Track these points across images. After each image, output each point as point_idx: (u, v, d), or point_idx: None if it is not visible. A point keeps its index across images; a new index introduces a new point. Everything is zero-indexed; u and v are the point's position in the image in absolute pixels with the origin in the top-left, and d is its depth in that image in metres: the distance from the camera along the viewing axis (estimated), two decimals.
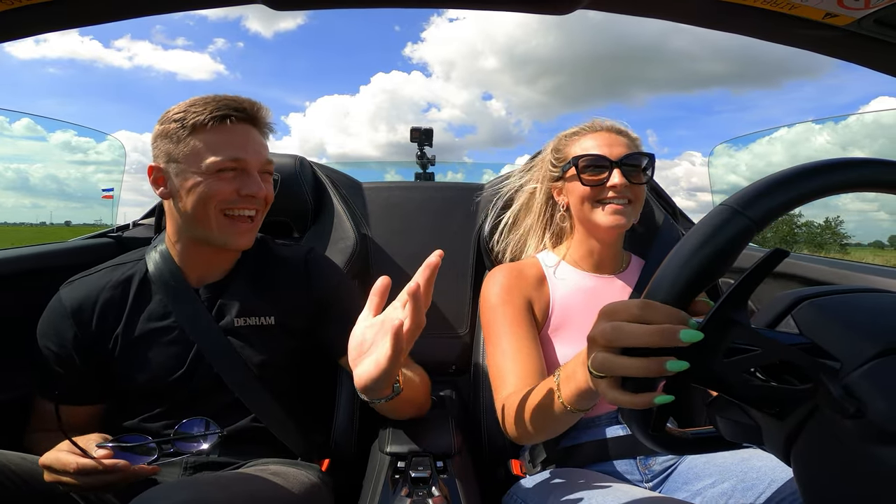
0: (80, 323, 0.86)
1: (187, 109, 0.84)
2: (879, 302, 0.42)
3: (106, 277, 0.91)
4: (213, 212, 0.85)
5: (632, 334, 0.43)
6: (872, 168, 0.42)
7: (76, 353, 0.86)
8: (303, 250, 1.01)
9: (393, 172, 3.53)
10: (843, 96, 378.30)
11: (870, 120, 2.85)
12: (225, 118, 0.84)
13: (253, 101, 0.89)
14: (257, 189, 0.86)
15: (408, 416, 0.94)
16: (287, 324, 0.92)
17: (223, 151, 0.83)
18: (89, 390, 0.89)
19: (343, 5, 0.66)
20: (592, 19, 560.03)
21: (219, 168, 0.83)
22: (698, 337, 0.40)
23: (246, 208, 0.87)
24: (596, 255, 0.99)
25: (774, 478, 0.71)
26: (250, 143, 0.87)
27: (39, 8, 0.55)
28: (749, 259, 0.46)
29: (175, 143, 0.83)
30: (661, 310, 0.43)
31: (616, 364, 0.44)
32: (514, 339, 0.89)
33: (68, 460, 0.70)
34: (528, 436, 0.77)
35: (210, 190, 0.83)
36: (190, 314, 0.88)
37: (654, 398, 0.43)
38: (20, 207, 53.45)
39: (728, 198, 0.43)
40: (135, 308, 0.89)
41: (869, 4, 0.54)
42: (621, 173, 0.91)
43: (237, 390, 0.87)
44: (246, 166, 0.86)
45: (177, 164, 0.84)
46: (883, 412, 0.34)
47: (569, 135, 1.00)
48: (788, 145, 2.42)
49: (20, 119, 2.55)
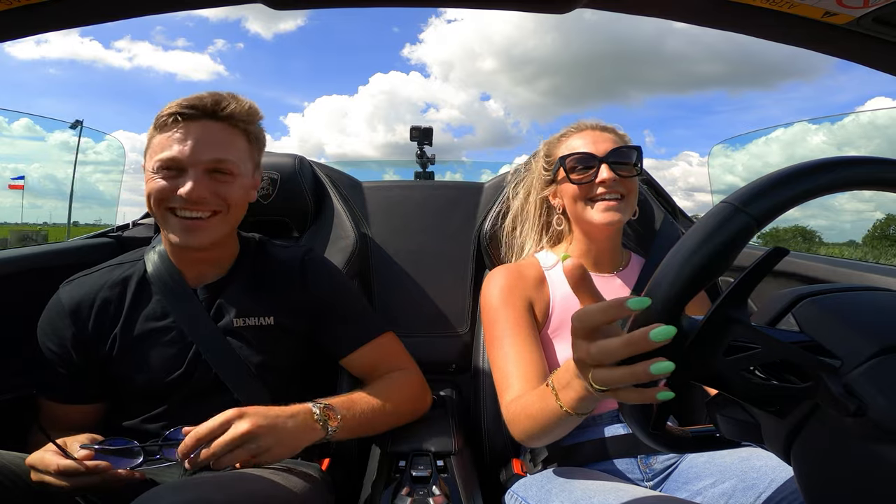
0: (77, 322, 0.86)
1: (162, 108, 0.84)
2: (880, 300, 0.42)
3: (105, 277, 0.91)
4: (157, 209, 0.84)
5: (610, 352, 0.44)
6: (872, 166, 0.42)
7: (74, 351, 0.86)
8: (300, 251, 1.00)
9: (391, 172, 3.53)
10: (841, 96, 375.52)
11: (865, 120, 2.87)
12: (175, 116, 0.82)
13: (220, 95, 0.86)
14: (189, 190, 0.81)
15: (386, 429, 0.94)
16: (286, 324, 0.92)
17: (164, 151, 0.82)
18: (88, 390, 0.89)
19: (343, 4, 0.66)
20: (589, 20, 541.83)
21: (159, 167, 0.82)
22: (670, 334, 0.40)
23: (188, 209, 0.83)
24: (594, 253, 1.00)
25: (774, 477, 0.71)
26: (196, 141, 0.82)
27: (39, 8, 0.55)
28: (749, 257, 0.46)
29: (148, 141, 0.85)
30: (595, 311, 0.45)
31: (613, 377, 0.45)
32: (516, 341, 0.89)
33: (50, 461, 0.70)
34: (534, 439, 0.78)
35: (151, 188, 0.83)
36: (188, 314, 0.87)
37: (655, 394, 0.44)
38: (16, 207, 53.48)
39: (729, 195, 0.43)
40: (133, 308, 0.88)
41: (868, 3, 0.54)
42: (609, 168, 0.91)
43: (236, 390, 0.87)
44: (181, 165, 0.82)
45: (145, 162, 0.86)
46: (883, 410, 0.34)
47: (556, 138, 1.01)
48: (785, 145, 2.43)
49: (19, 119, 2.56)
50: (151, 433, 0.85)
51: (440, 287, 1.34)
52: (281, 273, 0.96)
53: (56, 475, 0.69)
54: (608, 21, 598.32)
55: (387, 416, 0.91)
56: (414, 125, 2.21)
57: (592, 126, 0.98)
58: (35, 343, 0.88)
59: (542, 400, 0.69)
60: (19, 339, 0.93)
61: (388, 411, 0.91)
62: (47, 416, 0.89)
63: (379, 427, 0.92)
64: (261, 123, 0.92)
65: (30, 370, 0.91)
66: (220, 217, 0.86)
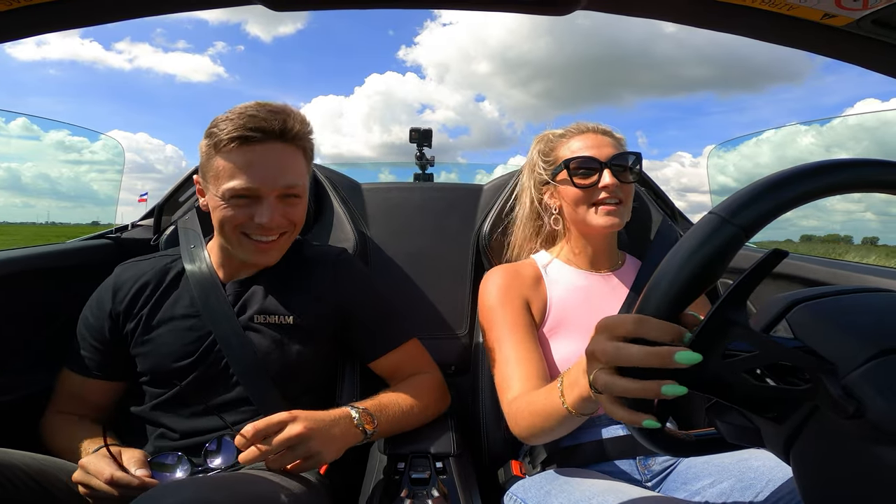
0: (116, 298, 0.92)
1: (218, 125, 0.83)
2: (876, 302, 0.42)
3: (153, 263, 0.96)
4: (232, 233, 0.87)
5: (629, 356, 0.43)
6: (858, 170, 0.42)
7: (107, 325, 0.91)
8: (333, 252, 1.03)
9: (387, 172, 3.52)
10: (831, 97, 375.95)
11: (854, 122, 2.87)
12: (245, 139, 0.82)
13: (282, 112, 0.85)
14: (268, 219, 0.84)
15: (410, 430, 0.95)
16: (306, 325, 0.93)
17: (236, 178, 0.82)
18: (111, 365, 0.92)
19: (343, 6, 0.66)
20: (581, 25, 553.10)
21: (231, 195, 0.83)
22: (696, 359, 0.40)
23: (263, 234, 0.87)
24: (591, 253, 1.00)
25: (772, 477, 0.71)
26: (268, 167, 0.83)
27: (39, 8, 0.55)
28: (748, 260, 0.46)
29: (206, 160, 0.86)
30: (656, 325, 0.43)
31: (616, 385, 0.44)
32: (515, 341, 0.89)
33: (105, 469, 0.71)
34: (535, 438, 0.79)
35: (225, 215, 0.85)
36: (213, 306, 0.90)
37: (643, 420, 0.44)
38: (10, 206, 53.36)
39: (716, 206, 0.43)
40: (165, 294, 0.93)
41: (867, 5, 0.54)
42: (611, 173, 0.92)
43: (244, 382, 0.88)
44: (259, 194, 0.84)
45: (205, 181, 0.87)
46: (882, 412, 0.34)
47: (555, 136, 1.01)
48: (776, 147, 2.44)
49: (15, 119, 2.54)
50: (158, 424, 0.87)
51: (439, 289, 1.34)
52: (312, 274, 0.98)
53: (107, 483, 0.71)
54: (600, 26, 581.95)
55: (414, 417, 0.94)
56: (413, 127, 2.21)
57: (594, 129, 0.98)
58: (35, 342, 0.88)
59: (548, 398, 0.69)
60: (21, 339, 0.93)
61: (416, 413, 0.94)
62: (67, 391, 0.92)
63: (406, 428, 0.94)
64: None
65: (33, 372, 0.91)
66: (287, 236, 0.92)
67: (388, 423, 0.88)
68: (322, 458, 0.77)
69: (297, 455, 0.75)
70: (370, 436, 0.85)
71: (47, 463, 0.76)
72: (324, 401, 1.01)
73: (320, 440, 0.77)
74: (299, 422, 0.75)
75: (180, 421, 0.87)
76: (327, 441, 0.78)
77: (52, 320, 1.05)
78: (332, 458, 0.79)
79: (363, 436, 0.84)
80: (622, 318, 0.45)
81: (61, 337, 0.96)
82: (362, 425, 0.84)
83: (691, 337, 0.41)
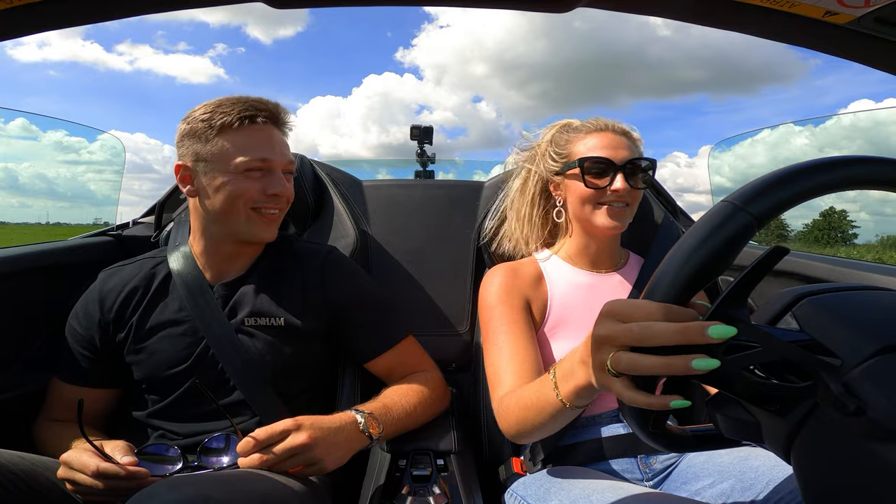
0: (104, 307, 0.91)
1: (214, 110, 0.86)
2: (881, 300, 0.42)
3: (138, 268, 0.95)
4: (242, 208, 0.88)
5: (657, 334, 0.42)
6: (873, 166, 0.42)
7: (97, 335, 0.90)
8: (324, 250, 1.02)
9: (384, 172, 3.50)
10: (826, 98, 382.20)
11: (847, 122, 2.89)
12: (252, 119, 0.88)
13: (276, 102, 0.92)
14: (282, 188, 0.90)
15: (417, 426, 0.96)
16: (298, 325, 0.92)
17: (251, 151, 0.86)
18: (102, 373, 0.91)
19: (343, 4, 0.66)
20: (578, 28, 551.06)
21: (246, 168, 0.86)
22: (731, 332, 0.39)
23: (272, 207, 0.91)
24: (593, 252, 1.00)
25: (772, 477, 0.71)
26: (276, 143, 0.90)
27: (39, 7, 0.55)
28: (749, 257, 0.47)
29: (203, 143, 0.86)
30: (676, 311, 0.43)
31: (643, 363, 0.43)
32: (511, 338, 0.88)
33: (88, 461, 0.71)
34: (525, 434, 0.77)
35: (238, 188, 0.87)
36: (203, 310, 0.90)
37: (670, 402, 0.43)
38: (7, 207, 53.55)
39: (729, 194, 0.43)
40: (154, 299, 0.92)
41: (869, 3, 0.54)
42: (624, 178, 0.91)
43: (241, 387, 0.88)
44: (272, 166, 0.89)
45: (205, 163, 0.87)
46: (883, 410, 0.34)
47: (572, 129, 0.98)
48: (771, 146, 2.44)
49: (15, 118, 2.52)
50: (156, 428, 0.87)
51: (440, 286, 1.34)
52: (301, 271, 0.97)
53: (93, 476, 0.70)
54: (596, 28, 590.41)
55: (417, 417, 0.94)
56: (414, 124, 2.21)
57: (613, 128, 0.96)
58: (35, 342, 0.88)
59: (540, 390, 0.68)
60: (20, 338, 0.93)
61: (419, 413, 0.94)
62: (58, 399, 0.91)
63: (409, 428, 0.94)
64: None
65: (30, 369, 0.91)
66: (282, 213, 0.94)
67: (392, 426, 0.88)
68: (324, 466, 0.77)
69: (298, 462, 0.76)
70: (376, 440, 0.85)
71: (37, 462, 0.76)
72: (323, 398, 1.01)
73: (324, 448, 0.77)
74: (303, 431, 0.75)
75: (180, 425, 0.87)
76: (331, 449, 0.78)
77: (53, 317, 1.05)
78: (335, 466, 0.79)
79: (368, 441, 0.84)
80: (636, 302, 0.45)
81: (62, 334, 0.96)
82: (367, 430, 0.83)
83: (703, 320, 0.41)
